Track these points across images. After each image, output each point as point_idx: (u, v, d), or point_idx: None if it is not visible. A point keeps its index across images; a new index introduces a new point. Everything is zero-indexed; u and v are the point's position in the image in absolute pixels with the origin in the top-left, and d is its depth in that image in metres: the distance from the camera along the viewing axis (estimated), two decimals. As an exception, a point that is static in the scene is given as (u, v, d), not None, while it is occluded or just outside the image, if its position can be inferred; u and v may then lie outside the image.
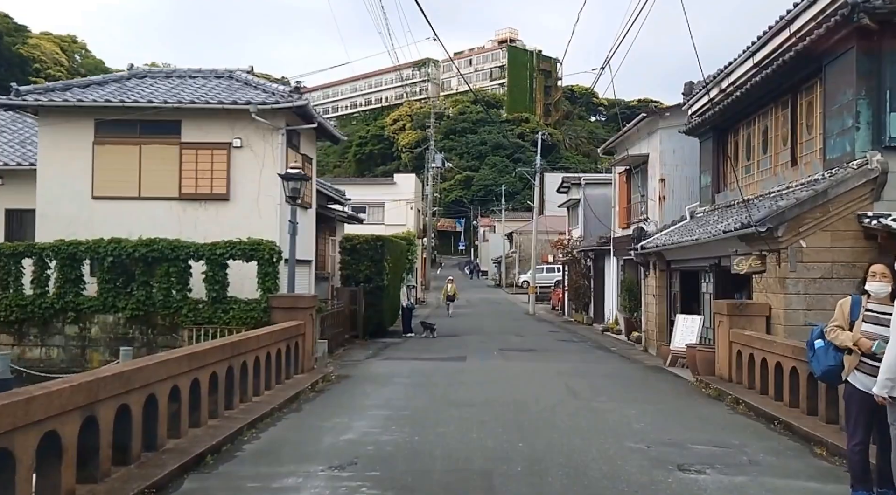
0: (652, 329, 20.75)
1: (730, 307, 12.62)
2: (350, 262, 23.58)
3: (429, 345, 22.01)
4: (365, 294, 23.42)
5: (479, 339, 23.73)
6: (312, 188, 20.87)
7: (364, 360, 17.66)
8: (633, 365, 17.19)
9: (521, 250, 61.17)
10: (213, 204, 18.14)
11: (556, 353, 19.82)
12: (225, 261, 16.18)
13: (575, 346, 22.12)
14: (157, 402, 7.27)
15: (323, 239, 24.38)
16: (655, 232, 21.37)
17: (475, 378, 13.95)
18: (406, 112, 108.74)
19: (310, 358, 13.34)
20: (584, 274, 31.71)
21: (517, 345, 21.87)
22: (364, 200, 40.72)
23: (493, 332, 26.51)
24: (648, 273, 21.34)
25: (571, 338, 25.18)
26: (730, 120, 18.14)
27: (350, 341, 22.36)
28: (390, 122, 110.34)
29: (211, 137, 18.12)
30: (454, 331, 26.78)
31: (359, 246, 23.56)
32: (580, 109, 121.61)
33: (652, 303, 20.82)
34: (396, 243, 26.55)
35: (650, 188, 22.60)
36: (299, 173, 14.47)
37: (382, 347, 21.54)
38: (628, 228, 25.00)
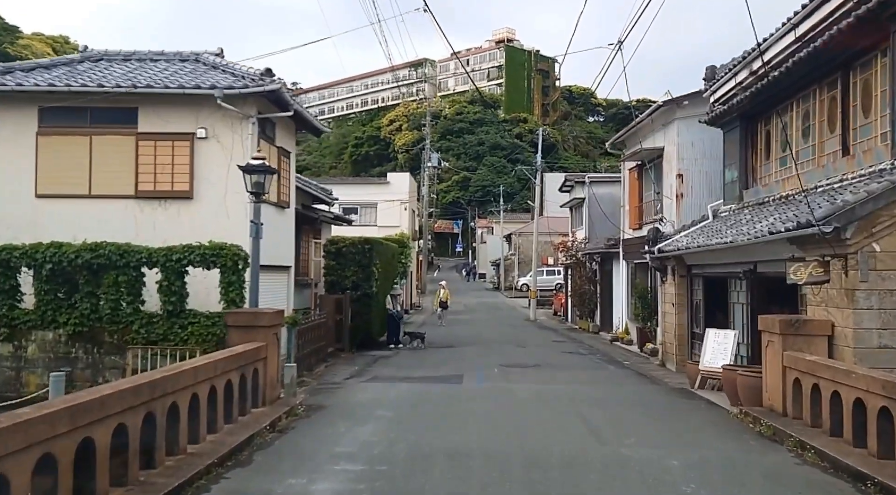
0: (670, 341, 18.41)
1: (783, 324, 10.25)
2: (335, 268, 21.23)
3: (422, 359, 19.64)
4: (351, 302, 21.07)
5: (478, 352, 21.38)
6: (291, 185, 18.52)
7: (345, 382, 15.28)
8: (654, 387, 14.82)
9: (520, 252, 58.83)
10: (174, 203, 15.77)
11: (564, 370, 17.46)
12: (182, 269, 13.83)
13: (584, 361, 19.76)
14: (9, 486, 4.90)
15: (306, 242, 22.03)
16: (673, 233, 19.04)
17: (473, 408, 11.58)
18: (403, 113, 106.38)
19: (274, 386, 10.98)
20: (589, 278, 29.37)
21: (520, 359, 19.52)
22: (356, 201, 38.37)
23: (492, 342, 24.15)
24: (666, 279, 19.01)
25: (578, 349, 22.83)
26: (761, 106, 15.80)
27: (335, 355, 20.00)
28: (387, 123, 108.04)
29: (172, 127, 15.75)
30: (450, 341, 24.42)
31: (344, 249, 21.21)
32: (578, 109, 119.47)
33: (670, 312, 18.48)
34: (387, 246, 24.21)
35: (666, 185, 20.27)
36: (263, 164, 12.11)
37: (370, 362, 19.16)
38: (640, 229, 22.67)
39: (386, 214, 37.90)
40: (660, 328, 19.27)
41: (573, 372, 16.97)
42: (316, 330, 17.78)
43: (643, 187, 22.81)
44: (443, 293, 31.55)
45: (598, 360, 19.83)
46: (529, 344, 24.14)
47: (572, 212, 34.17)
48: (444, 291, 31.68)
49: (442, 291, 31.77)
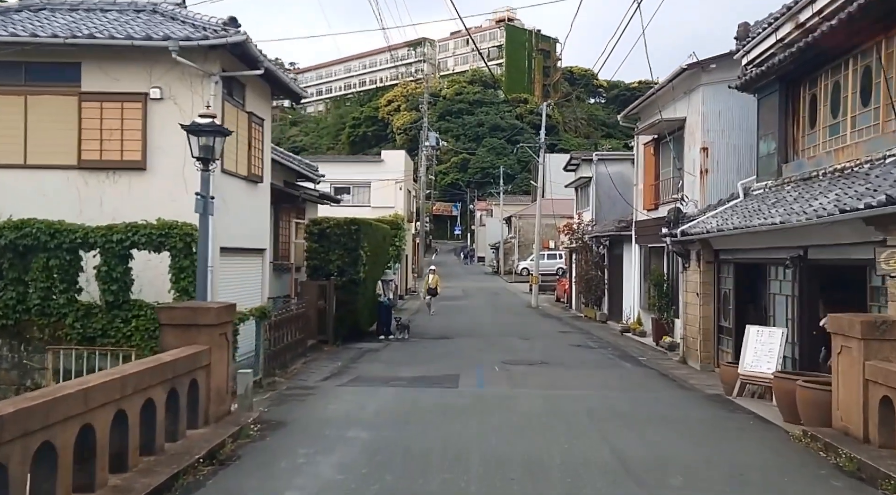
0: (693, 336, 16.17)
1: (866, 327, 7.96)
2: (318, 251, 18.93)
3: (414, 354, 17.41)
4: (336, 289, 18.81)
5: (477, 345, 19.14)
6: (265, 158, 16.17)
7: (321, 384, 13.02)
8: (684, 393, 12.56)
9: (520, 235, 56.50)
10: (124, 175, 13.41)
11: (575, 369, 15.23)
12: (125, 252, 11.53)
13: (595, 356, 17.51)
14: None
15: (286, 222, 19.72)
16: (697, 214, 16.74)
17: (470, 424, 9.32)
18: (401, 93, 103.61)
19: (221, 399, 8.71)
20: (596, 263, 27.09)
21: (524, 355, 17.28)
22: (348, 180, 36.00)
23: (492, 334, 21.91)
24: (689, 265, 16.73)
25: (587, 341, 20.58)
26: (807, 65, 13.43)
27: (316, 348, 17.76)
28: (384, 103, 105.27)
29: (121, 86, 13.37)
30: (446, 332, 22.18)
31: (328, 230, 18.89)
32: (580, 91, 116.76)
33: (694, 303, 16.22)
34: (377, 227, 21.88)
35: (688, 160, 17.93)
36: (213, 124, 9.76)
37: (355, 357, 16.93)
38: (656, 209, 20.37)
39: (380, 194, 35.54)
40: (680, 320, 17.01)
41: (586, 372, 14.73)
42: (293, 321, 15.52)
43: (660, 164, 20.47)
44: (431, 278, 28.59)
45: (610, 356, 17.59)
46: (533, 335, 21.90)
47: (577, 192, 31.83)
48: (433, 276, 28.72)
49: (431, 276, 28.79)
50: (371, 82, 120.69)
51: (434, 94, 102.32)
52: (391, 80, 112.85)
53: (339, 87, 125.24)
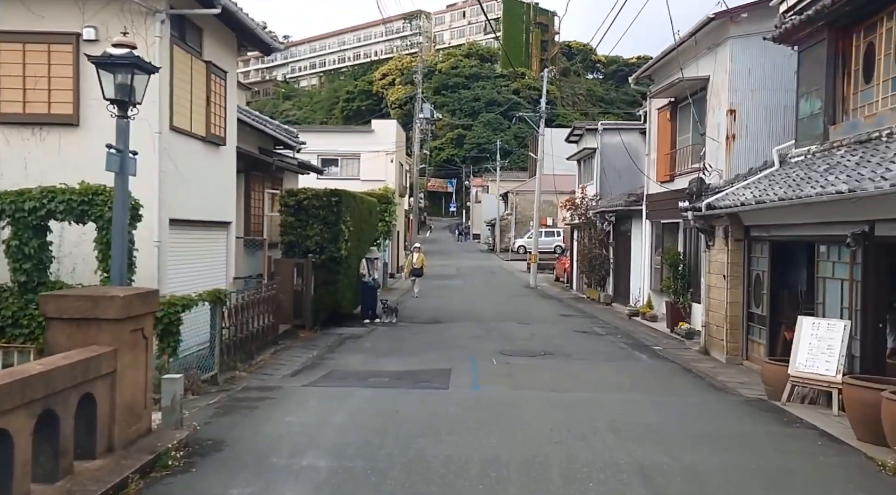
0: (718, 324, 14.08)
1: None
2: (294, 225, 16.72)
3: (400, 342, 15.30)
4: (315, 268, 16.64)
5: (471, 330, 17.03)
6: (228, 116, 13.90)
7: (285, 383, 10.88)
8: (720, 396, 10.45)
9: (517, 212, 54.33)
10: (53, 131, 11.17)
11: (584, 362, 13.12)
12: (40, 222, 9.34)
13: (605, 345, 15.41)
14: None
15: (258, 192, 17.50)
16: (723, 185, 14.58)
17: (463, 448, 7.21)
18: (396, 66, 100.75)
19: (136, 416, 6.56)
20: (601, 240, 24.94)
21: (524, 344, 15.19)
22: (336, 151, 33.70)
23: (488, 317, 19.80)
24: (713, 243, 14.59)
25: (593, 326, 18.49)
26: (864, 8, 11.22)
27: (291, 334, 15.63)
28: (379, 77, 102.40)
29: (47, 24, 11.07)
30: (438, 315, 20.06)
31: (306, 202, 16.67)
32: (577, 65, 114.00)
33: (719, 286, 14.11)
34: (363, 200, 19.65)
35: (711, 125, 15.72)
36: (130, 55, 7.52)
37: (333, 345, 14.82)
38: (671, 182, 18.20)
39: (370, 167, 33.23)
40: (702, 305, 14.90)
41: (597, 367, 12.61)
42: (260, 305, 13.35)
43: (676, 130, 18.24)
44: (416, 257, 25.86)
45: (622, 345, 15.49)
46: (533, 319, 19.80)
47: (580, 165, 29.59)
48: (417, 255, 26.02)
49: (415, 255, 26.04)
50: (365, 56, 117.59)
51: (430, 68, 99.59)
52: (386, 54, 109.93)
53: (333, 61, 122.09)
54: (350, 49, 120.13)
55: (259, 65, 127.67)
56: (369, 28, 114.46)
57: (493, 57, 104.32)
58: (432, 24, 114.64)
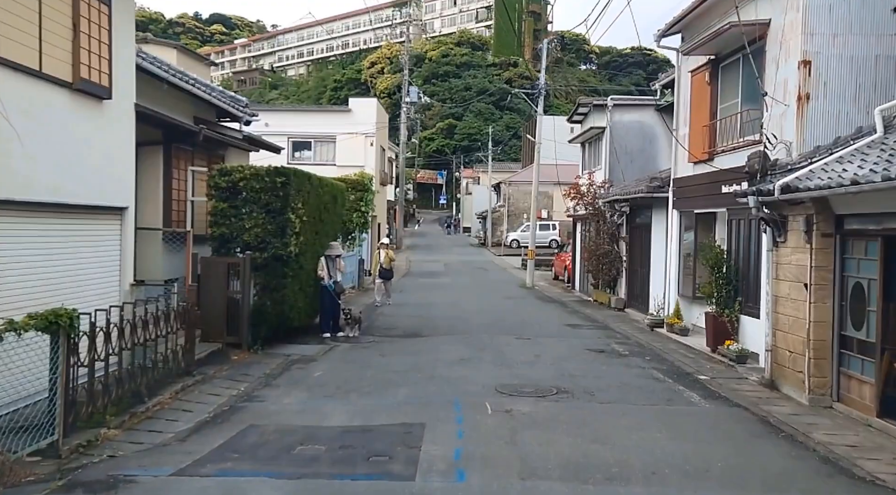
0: (794, 349, 10.13)
1: None
2: (227, 213, 12.65)
3: (361, 370, 11.28)
4: (256, 269, 12.61)
5: (457, 350, 13.02)
6: (115, 60, 9.78)
7: (168, 451, 6.85)
8: (854, 486, 6.48)
9: (510, 203, 50.34)
10: None
11: (616, 408, 9.10)
12: None
13: (636, 374, 11.35)
14: None
15: (181, 172, 13.40)
16: (798, 161, 10.63)
17: None
18: (385, 54, 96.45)
19: None
20: (611, 234, 20.97)
21: (528, 372, 11.18)
22: (308, 133, 29.62)
23: (479, 329, 15.81)
24: (784, 239, 10.61)
25: (610, 342, 14.51)
26: None
27: (220, 357, 11.62)
28: (368, 65, 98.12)
29: None
30: (417, 326, 16.06)
31: (242, 184, 12.60)
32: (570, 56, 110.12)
33: (795, 298, 10.16)
34: (326, 184, 15.56)
35: (776, 82, 11.72)
36: None
37: (270, 376, 10.78)
38: (709, 161, 14.22)
39: (347, 150, 29.15)
40: (769, 322, 10.90)
41: (638, 419, 8.57)
42: (162, 323, 9.30)
43: (718, 96, 14.24)
44: (383, 255, 20.26)
45: (656, 373, 11.49)
46: (534, 330, 15.83)
47: (585, 149, 25.57)
48: (385, 253, 20.37)
49: (382, 253, 20.38)
50: (354, 44, 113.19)
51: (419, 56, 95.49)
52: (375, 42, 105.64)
53: (322, 49, 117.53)
54: (338, 37, 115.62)
55: (245, 54, 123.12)
56: (358, 16, 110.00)
57: (484, 45, 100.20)
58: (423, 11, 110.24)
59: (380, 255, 19.86)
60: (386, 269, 19.81)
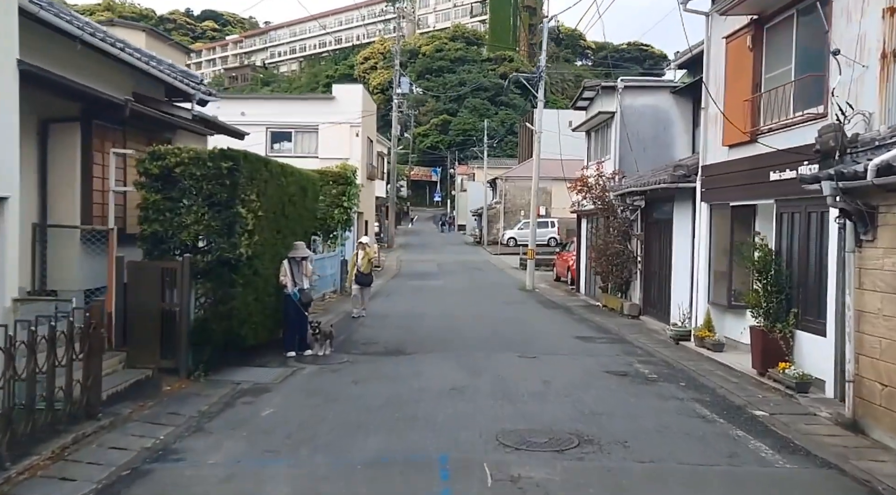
0: (891, 381, 7.58)
1: None
2: (161, 207, 10.05)
3: (323, 406, 8.71)
4: (198, 276, 10.06)
5: (448, 375, 10.44)
6: None
7: None
8: None
9: (506, 200, 47.81)
10: None
11: (659, 466, 6.57)
12: None
13: (674, 411, 8.74)
14: None
15: (103, 155, 10.76)
16: (889, 135, 8.11)
17: None
18: (378, 50, 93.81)
19: None
20: (623, 232, 18.44)
21: (537, 409, 8.60)
22: (289, 123, 27.03)
23: (476, 343, 13.24)
24: (873, 236, 8.05)
25: (632, 361, 11.94)
26: None
27: (148, 388, 9.05)
28: (360, 61, 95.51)
29: None
30: (402, 340, 13.49)
31: (179, 170, 10.00)
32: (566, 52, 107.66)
33: (887, 313, 7.60)
34: (292, 172, 12.91)
35: (846, 39, 9.18)
36: None
37: (203, 417, 8.18)
38: (752, 143, 11.67)
39: (331, 142, 26.55)
40: (851, 345, 8.35)
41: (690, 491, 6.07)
42: (54, 351, 6.73)
43: (763, 64, 11.69)
44: (361, 257, 16.45)
45: (699, 408, 8.91)
46: (540, 345, 13.30)
47: (591, 137, 23.02)
48: (363, 253, 16.48)
49: (360, 254, 16.51)
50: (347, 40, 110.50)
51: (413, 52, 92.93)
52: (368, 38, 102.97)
53: (314, 45, 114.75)
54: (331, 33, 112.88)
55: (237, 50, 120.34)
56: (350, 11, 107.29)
57: (479, 40, 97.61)
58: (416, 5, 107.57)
59: (357, 256, 16.58)
60: (365, 274, 16.58)
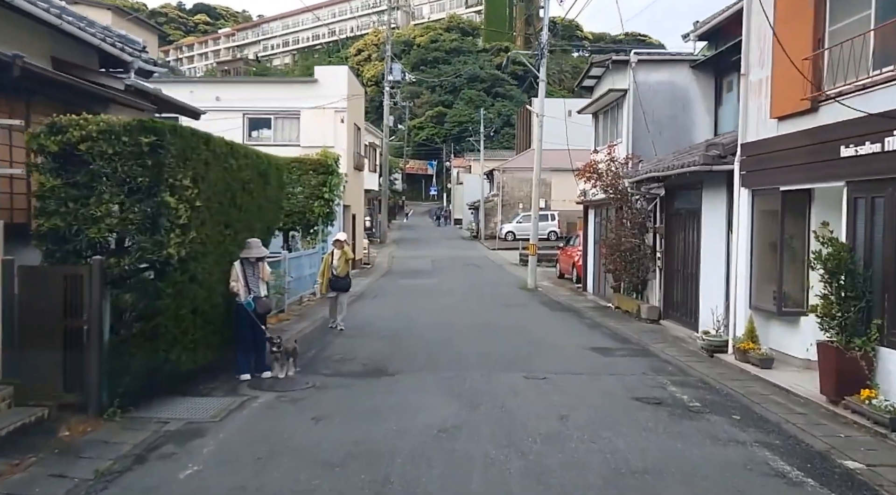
0: None
1: None
2: (62, 194, 7.68)
3: (260, 472, 6.30)
4: (117, 284, 7.70)
5: (437, 411, 8.06)
6: None
7: None
8: None
9: (504, 192, 45.44)
10: None
11: None
12: None
13: (742, 466, 6.36)
14: None
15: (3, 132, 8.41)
16: None
17: None
18: (372, 41, 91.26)
19: None
20: (640, 224, 16.12)
21: (554, 463, 6.21)
22: (267, 109, 24.65)
23: (471, 363, 10.87)
24: None
25: (666, 383, 9.58)
26: None
27: (43, 431, 6.71)
28: (354, 53, 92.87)
29: None
30: (382, 359, 11.08)
31: (86, 147, 7.62)
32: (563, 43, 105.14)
33: None
34: (244, 154, 10.43)
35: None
36: None
37: (97, 486, 5.83)
38: (812, 112, 9.32)
39: (314, 128, 24.16)
40: None
41: None
42: None
43: (827, 12, 9.35)
44: (337, 257, 13.58)
45: (767, 456, 6.58)
46: (550, 361, 10.97)
47: (598, 120, 20.65)
48: (339, 253, 13.61)
49: (336, 253, 13.63)
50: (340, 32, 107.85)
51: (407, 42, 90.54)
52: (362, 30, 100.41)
53: (307, 38, 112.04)
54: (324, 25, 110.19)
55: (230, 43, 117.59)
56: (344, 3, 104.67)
57: (475, 31, 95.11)
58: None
59: (332, 257, 13.70)
60: (341, 278, 13.53)
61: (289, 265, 15.99)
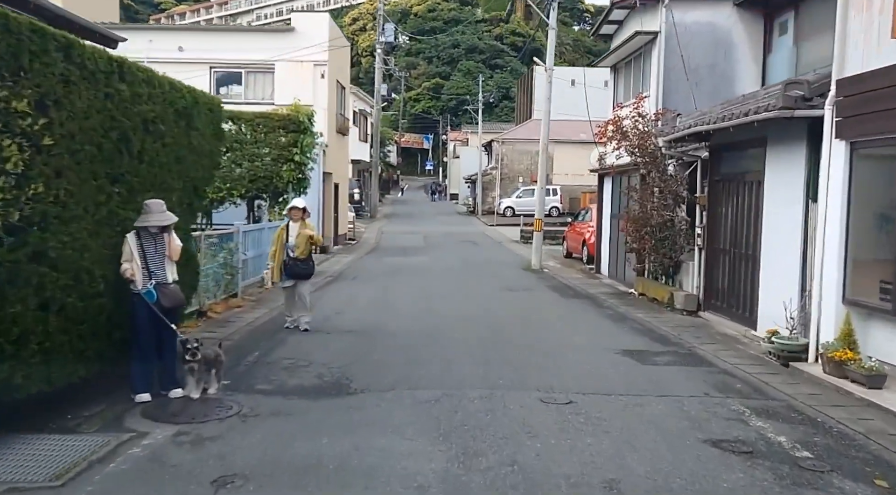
0: None
1: None
2: None
3: None
4: None
5: (409, 471, 5.10)
6: None
7: None
8: None
9: (503, 165, 42.31)
10: None
11: None
12: None
13: None
14: None
15: None
16: None
17: None
18: (367, 9, 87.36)
19: None
20: (672, 194, 13.09)
21: None
22: (238, 61, 21.45)
23: (465, 375, 7.85)
24: None
25: (742, 411, 6.60)
26: None
27: None
28: (349, 22, 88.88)
29: None
30: (346, 369, 7.99)
31: None
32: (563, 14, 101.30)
33: None
34: (143, 80, 7.21)
35: None
36: None
37: None
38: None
39: (290, 84, 20.86)
40: None
41: None
42: None
43: None
44: (294, 234, 9.74)
45: None
46: (573, 372, 8.00)
47: (619, 73, 17.46)
48: (297, 226, 9.80)
49: (293, 228, 9.81)
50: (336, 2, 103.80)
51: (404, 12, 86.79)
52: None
53: (302, 6, 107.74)
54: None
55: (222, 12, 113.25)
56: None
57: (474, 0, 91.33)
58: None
59: (286, 232, 9.83)
60: (300, 261, 9.81)
61: (244, 239, 12.95)
